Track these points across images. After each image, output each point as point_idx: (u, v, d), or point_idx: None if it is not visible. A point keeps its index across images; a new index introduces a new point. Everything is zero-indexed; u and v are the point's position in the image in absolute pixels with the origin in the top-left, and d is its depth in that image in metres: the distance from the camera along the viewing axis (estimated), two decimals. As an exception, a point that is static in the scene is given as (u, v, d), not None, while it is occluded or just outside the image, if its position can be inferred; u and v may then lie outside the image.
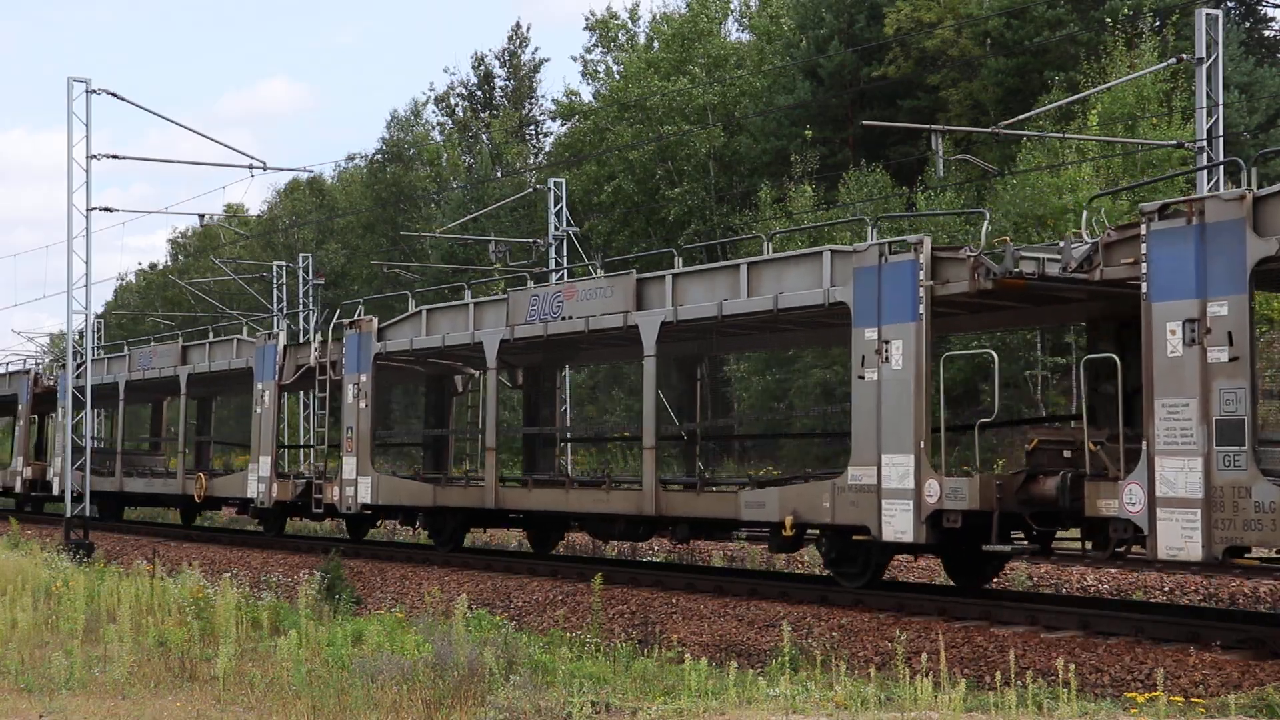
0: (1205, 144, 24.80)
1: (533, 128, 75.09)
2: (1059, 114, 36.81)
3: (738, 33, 62.23)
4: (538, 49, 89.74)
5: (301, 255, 55.26)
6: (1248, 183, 13.29)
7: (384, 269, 54.04)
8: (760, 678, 11.52)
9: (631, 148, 52.68)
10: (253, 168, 30.52)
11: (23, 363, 48.79)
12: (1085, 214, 15.42)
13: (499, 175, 64.92)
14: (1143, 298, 13.16)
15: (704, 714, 10.39)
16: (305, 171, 59.24)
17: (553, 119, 69.55)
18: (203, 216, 40.40)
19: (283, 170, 69.26)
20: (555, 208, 39.78)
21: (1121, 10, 41.05)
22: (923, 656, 11.97)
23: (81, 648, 14.34)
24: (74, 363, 30.09)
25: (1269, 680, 11.79)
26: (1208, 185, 23.86)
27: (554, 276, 31.67)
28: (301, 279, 52.02)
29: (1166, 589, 18.88)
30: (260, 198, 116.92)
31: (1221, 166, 23.68)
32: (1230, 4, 47.10)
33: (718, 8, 59.65)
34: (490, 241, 42.74)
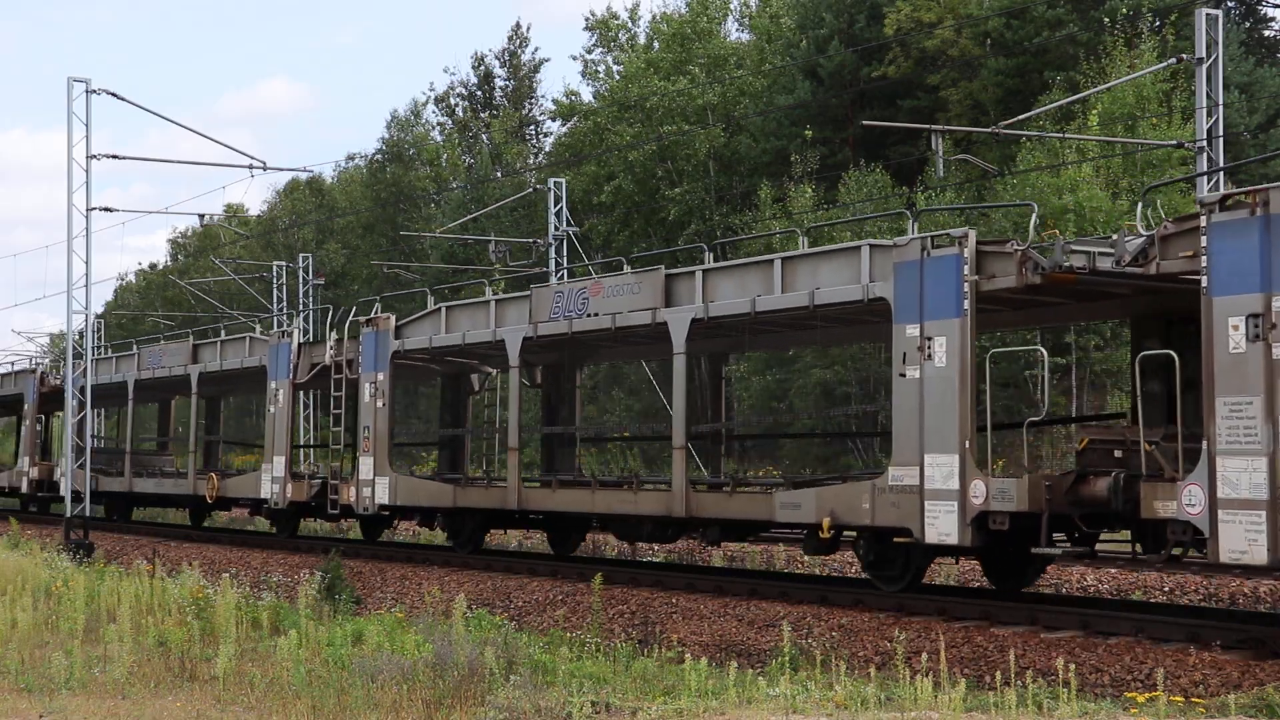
0: (1205, 144, 24.77)
1: (533, 128, 75.15)
2: (1059, 114, 36.78)
3: (738, 33, 62.22)
4: (538, 49, 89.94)
5: (301, 255, 55.31)
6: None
7: (384, 269, 54.11)
8: (760, 678, 11.51)
9: (631, 148, 52.62)
10: (253, 168, 30.52)
11: (28, 362, 48.73)
12: (1140, 206, 14.93)
13: (499, 175, 64.90)
14: (1202, 292, 12.63)
15: (704, 714, 10.39)
16: (305, 171, 59.29)
17: (553, 119, 69.55)
18: (203, 216, 40.32)
19: (283, 170, 69.48)
20: (555, 208, 39.80)
21: (1121, 10, 41.02)
22: (923, 656, 11.97)
23: (81, 648, 14.34)
24: (78, 362, 29.98)
25: (1269, 680, 11.79)
26: (1207, 186, 23.85)
27: (554, 277, 31.64)
28: (301, 279, 52.06)
29: (1166, 589, 18.85)
30: (260, 198, 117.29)
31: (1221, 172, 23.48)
32: (1230, 4, 47.07)
33: (718, 8, 59.58)
34: (490, 241, 42.79)
